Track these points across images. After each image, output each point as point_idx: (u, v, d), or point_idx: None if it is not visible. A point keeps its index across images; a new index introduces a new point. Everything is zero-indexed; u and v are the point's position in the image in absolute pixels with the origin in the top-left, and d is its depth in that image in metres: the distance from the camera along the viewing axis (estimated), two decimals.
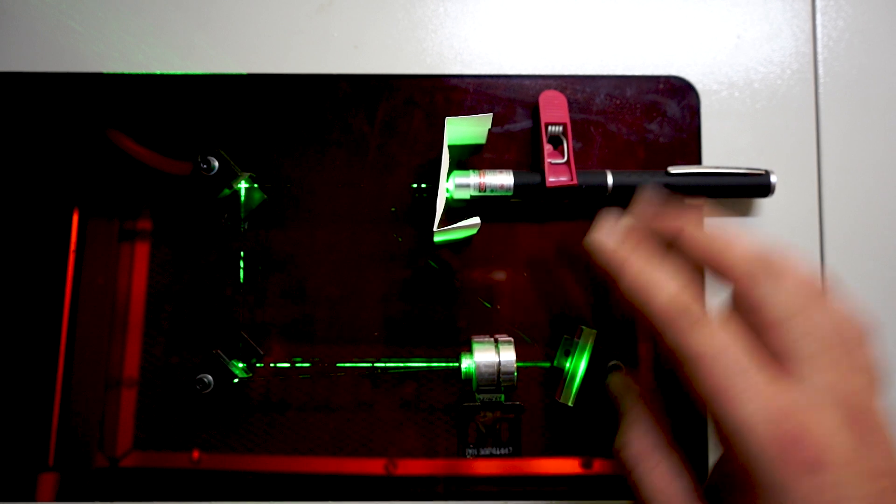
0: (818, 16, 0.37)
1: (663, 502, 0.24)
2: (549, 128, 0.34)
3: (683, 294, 0.24)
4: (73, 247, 0.36)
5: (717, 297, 0.36)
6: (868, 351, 0.24)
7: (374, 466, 0.34)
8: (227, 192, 0.34)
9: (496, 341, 0.33)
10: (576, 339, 0.33)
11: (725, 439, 0.22)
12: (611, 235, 0.28)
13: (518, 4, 0.37)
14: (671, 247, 0.28)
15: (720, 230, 0.26)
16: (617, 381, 0.31)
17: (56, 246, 0.35)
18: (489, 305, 0.35)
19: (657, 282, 0.25)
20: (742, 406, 0.21)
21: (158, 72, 0.36)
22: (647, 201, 0.30)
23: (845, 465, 0.20)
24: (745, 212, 0.36)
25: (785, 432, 0.20)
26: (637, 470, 0.26)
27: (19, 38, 0.36)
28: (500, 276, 0.35)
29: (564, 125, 0.34)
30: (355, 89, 0.36)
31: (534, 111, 0.36)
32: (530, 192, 0.34)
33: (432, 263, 0.35)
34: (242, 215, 0.35)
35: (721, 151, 0.36)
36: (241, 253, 0.35)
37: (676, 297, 0.24)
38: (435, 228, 0.31)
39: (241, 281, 0.35)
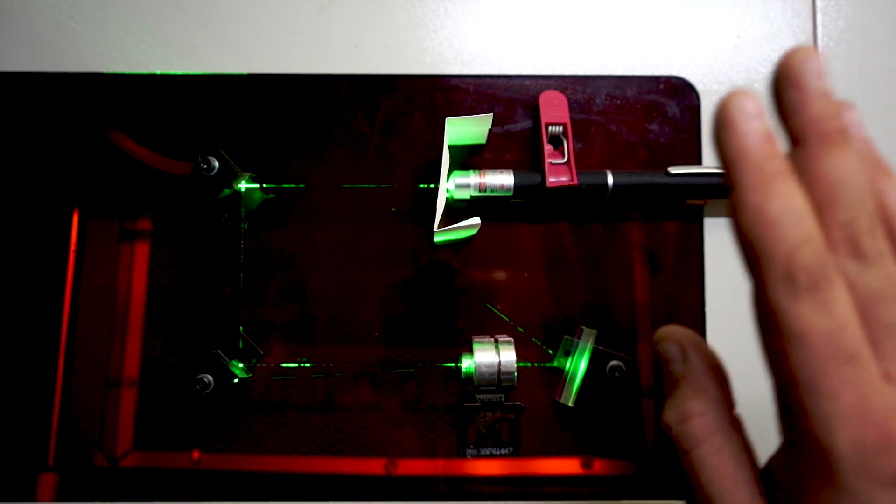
0: (818, 16, 0.37)
1: (724, 491, 0.21)
2: (550, 128, 0.34)
3: (810, 243, 0.18)
4: (73, 247, 0.36)
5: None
6: None
7: (374, 466, 0.34)
8: (227, 192, 0.34)
9: (496, 341, 0.33)
10: (576, 339, 0.33)
11: (808, 430, 0.19)
12: (759, 120, 0.19)
13: (518, 4, 0.37)
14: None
15: (844, 161, 0.20)
16: (674, 333, 0.24)
17: (56, 246, 0.35)
18: (498, 312, 0.35)
19: (783, 215, 0.18)
20: (839, 399, 0.18)
21: (158, 72, 0.36)
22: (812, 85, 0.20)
23: None
24: None
25: (878, 437, 0.18)
26: (698, 450, 0.22)
27: (19, 38, 0.36)
28: (500, 276, 0.35)
29: (564, 125, 0.34)
30: (355, 89, 0.36)
31: (534, 111, 0.36)
32: (530, 192, 0.34)
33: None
34: (242, 215, 0.35)
35: None
36: (241, 253, 0.35)
37: (800, 247, 0.18)
38: (435, 228, 0.31)
39: (241, 281, 0.35)
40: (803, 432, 0.19)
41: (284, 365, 0.35)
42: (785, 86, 0.20)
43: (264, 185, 0.35)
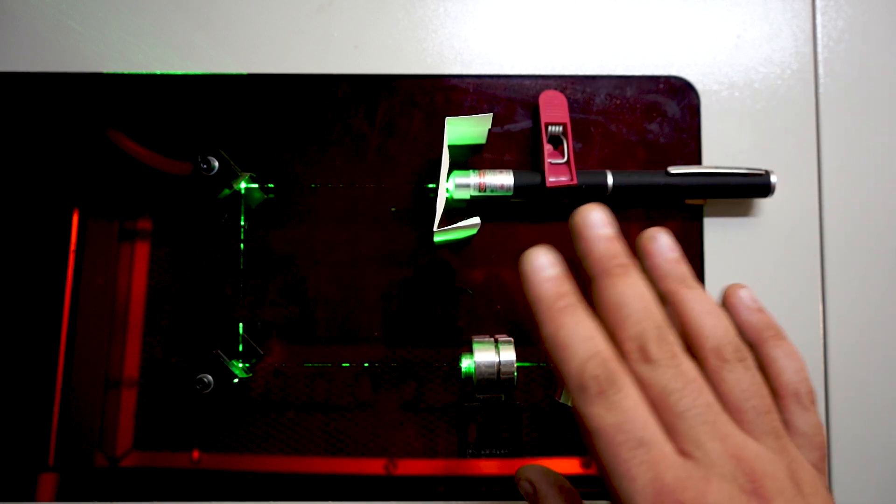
0: (818, 16, 0.37)
1: None
2: (549, 128, 0.34)
3: (598, 358, 0.22)
4: (73, 247, 0.36)
5: None
6: (787, 415, 0.24)
7: (374, 466, 0.34)
8: (227, 192, 0.34)
9: (496, 341, 0.33)
10: None
11: None
12: (545, 260, 0.25)
13: (518, 4, 0.37)
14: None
15: (625, 287, 0.24)
16: (526, 471, 0.29)
17: (56, 246, 0.35)
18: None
19: (573, 340, 0.23)
20: (633, 480, 0.21)
21: (158, 72, 0.36)
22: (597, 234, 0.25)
23: None
24: (745, 212, 0.36)
25: None
26: None
27: (19, 38, 0.36)
28: (500, 276, 0.35)
29: (564, 125, 0.34)
30: (355, 89, 0.36)
31: (534, 111, 0.36)
32: (530, 192, 0.34)
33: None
34: (242, 215, 0.35)
35: (721, 151, 0.36)
36: (241, 253, 0.35)
37: (588, 362, 0.22)
38: (435, 228, 0.31)
39: (241, 281, 0.35)
40: None
41: (284, 365, 0.35)
42: (574, 238, 0.25)
43: (264, 185, 0.35)
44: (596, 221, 0.25)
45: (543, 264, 0.24)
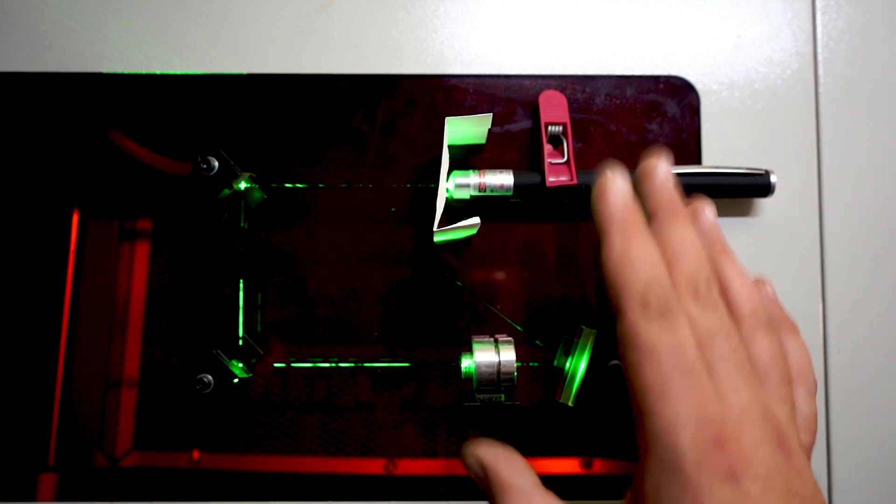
0: (818, 16, 0.37)
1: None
2: (549, 128, 0.34)
3: (660, 278, 0.23)
4: (73, 247, 0.36)
5: None
6: (793, 391, 0.25)
7: (374, 466, 0.34)
8: (227, 192, 0.34)
9: (496, 341, 0.33)
10: (576, 339, 0.33)
11: (657, 431, 0.22)
12: (626, 192, 0.25)
13: (518, 4, 0.37)
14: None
15: (684, 231, 0.25)
16: (473, 449, 0.28)
17: (56, 246, 0.35)
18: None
19: (640, 254, 0.24)
20: (676, 403, 0.21)
21: (158, 72, 0.36)
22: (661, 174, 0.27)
23: (762, 480, 0.21)
24: (745, 212, 0.36)
25: (712, 436, 0.21)
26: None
27: (19, 38, 0.36)
28: (500, 276, 0.35)
29: (564, 125, 0.34)
30: (355, 89, 0.36)
31: (534, 111, 0.36)
32: (530, 192, 0.34)
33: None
34: (242, 215, 0.35)
35: (721, 151, 0.36)
36: (241, 253, 0.35)
37: (652, 278, 0.23)
38: (435, 228, 0.31)
39: (241, 281, 0.35)
40: (653, 433, 0.22)
41: (283, 365, 0.35)
42: (641, 179, 0.27)
43: (264, 185, 0.35)
44: (664, 170, 0.27)
45: (621, 187, 0.25)
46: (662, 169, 0.27)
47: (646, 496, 0.22)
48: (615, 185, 0.25)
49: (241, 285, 0.35)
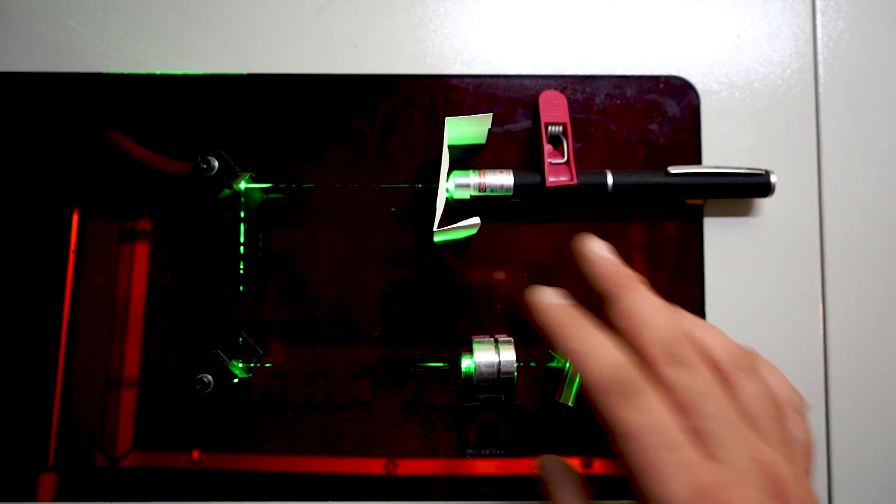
0: (818, 16, 0.37)
1: None
2: (549, 128, 0.34)
3: (619, 363, 0.23)
4: (73, 247, 0.36)
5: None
6: (787, 424, 0.25)
7: (374, 466, 0.34)
8: (227, 192, 0.34)
9: (496, 341, 0.33)
10: None
11: None
12: (550, 293, 0.27)
13: (518, 4, 0.37)
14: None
15: (642, 300, 0.26)
16: (552, 464, 0.29)
17: (56, 246, 0.35)
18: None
19: (592, 350, 0.24)
20: (669, 483, 0.21)
21: (158, 72, 0.36)
22: (596, 256, 0.28)
23: None
24: (745, 212, 0.36)
25: None
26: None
27: (19, 38, 0.36)
28: (500, 276, 0.35)
29: (564, 125, 0.34)
30: (355, 89, 0.36)
31: (534, 111, 0.36)
32: (530, 192, 0.34)
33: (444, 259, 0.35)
34: (242, 215, 0.35)
35: (721, 151, 0.36)
36: (242, 253, 0.35)
37: (610, 368, 0.23)
38: (435, 228, 0.31)
39: (241, 281, 0.35)
40: None
41: (284, 365, 0.35)
42: (581, 263, 0.28)
43: (264, 185, 0.35)
44: (598, 247, 0.28)
45: (549, 295, 0.27)
46: (594, 247, 0.28)
47: None
48: (542, 296, 0.27)
49: (241, 285, 0.35)
